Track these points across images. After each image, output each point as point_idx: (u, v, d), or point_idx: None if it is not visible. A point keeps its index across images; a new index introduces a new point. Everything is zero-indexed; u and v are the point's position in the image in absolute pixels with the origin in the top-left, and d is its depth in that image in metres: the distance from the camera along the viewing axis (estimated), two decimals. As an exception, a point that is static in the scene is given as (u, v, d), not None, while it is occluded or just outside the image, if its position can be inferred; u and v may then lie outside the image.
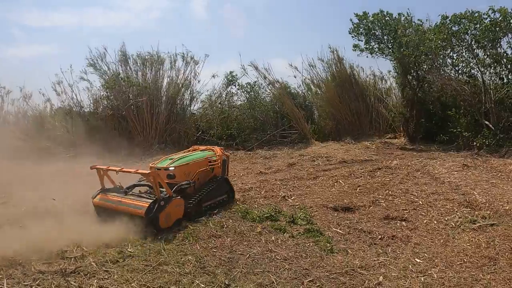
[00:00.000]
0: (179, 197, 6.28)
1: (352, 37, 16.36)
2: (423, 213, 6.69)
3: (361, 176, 9.31)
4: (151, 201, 5.89)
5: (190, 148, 8.14)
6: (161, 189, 6.11)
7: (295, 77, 18.55)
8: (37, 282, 4.38)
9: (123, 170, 6.28)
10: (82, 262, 4.83)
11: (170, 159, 7.10)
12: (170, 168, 6.73)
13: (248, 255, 5.11)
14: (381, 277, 4.50)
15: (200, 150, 7.77)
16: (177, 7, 47.66)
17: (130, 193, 6.48)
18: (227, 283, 4.35)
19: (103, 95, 17.18)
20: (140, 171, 6.16)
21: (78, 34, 45.11)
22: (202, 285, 4.29)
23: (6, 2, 46.41)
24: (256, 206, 7.30)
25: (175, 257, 4.98)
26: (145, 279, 4.39)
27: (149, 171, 6.11)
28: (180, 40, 42.19)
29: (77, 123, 17.04)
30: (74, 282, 4.35)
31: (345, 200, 7.46)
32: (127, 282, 4.34)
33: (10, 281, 4.44)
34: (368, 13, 15.72)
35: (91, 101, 17.23)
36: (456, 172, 9.06)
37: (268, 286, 4.31)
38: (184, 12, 47.24)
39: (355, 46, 16.26)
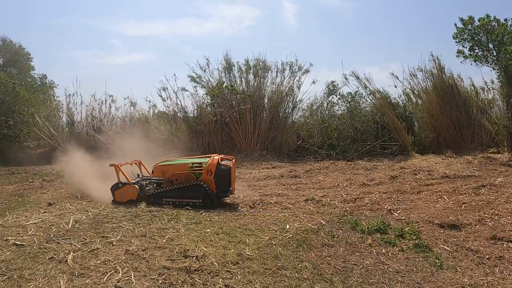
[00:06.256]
0: (134, 184, 8.52)
1: (456, 42, 16.13)
2: (531, 235, 6.66)
3: (465, 193, 9.37)
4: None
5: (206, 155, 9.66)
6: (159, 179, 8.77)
7: (395, 86, 18.50)
8: (163, 277, 4.71)
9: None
10: (203, 261, 5.16)
11: (167, 161, 9.38)
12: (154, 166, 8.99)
13: (361, 265, 5.35)
14: (490, 296, 4.71)
15: (197, 157, 9.77)
16: (267, 16, 49.00)
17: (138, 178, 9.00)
18: (344, 290, 4.64)
19: (207, 102, 18.19)
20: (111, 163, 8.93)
21: (172, 42, 47.93)
22: (321, 291, 4.60)
23: (107, 16, 50.39)
24: (364, 218, 7.60)
25: (292, 263, 5.28)
26: (267, 282, 4.69)
27: (113, 164, 8.81)
28: (271, 47, 43.17)
29: (181, 127, 18.19)
30: (199, 279, 4.67)
31: (450, 217, 7.56)
32: (250, 283, 4.64)
33: (137, 273, 4.80)
34: (474, 18, 15.41)
35: (195, 107, 18.29)
36: None
37: (383, 296, 4.60)
38: (274, 20, 48.49)
39: (459, 52, 16.02)
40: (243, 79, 18.12)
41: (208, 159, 8.63)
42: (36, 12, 56.55)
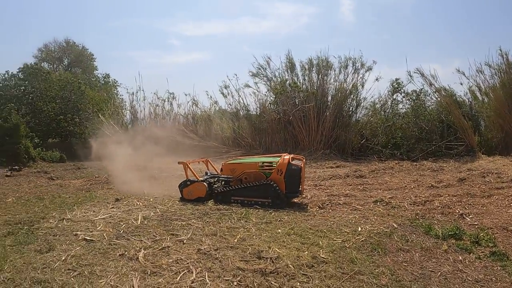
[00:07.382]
0: (203, 182, 8.77)
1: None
2: None
3: (538, 198, 9.12)
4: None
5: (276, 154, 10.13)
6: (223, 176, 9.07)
7: (461, 84, 18.16)
8: (238, 279, 4.68)
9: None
10: (278, 263, 5.13)
11: (236, 159, 9.81)
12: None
13: (439, 273, 5.19)
14: None
15: (267, 156, 9.93)
16: (324, 13, 48.89)
17: (206, 176, 9.31)
18: (425, 299, 4.59)
19: (271, 100, 18.44)
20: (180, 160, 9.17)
21: (230, 41, 48.93)
22: (402, 299, 4.58)
23: (166, 17, 52.08)
24: (436, 222, 7.52)
25: (369, 268, 5.21)
26: (345, 287, 4.64)
27: (181, 161, 9.06)
28: (329, 44, 43.09)
29: (243, 125, 18.51)
30: (275, 282, 4.62)
31: (525, 224, 7.39)
32: (329, 288, 4.63)
33: (210, 274, 4.80)
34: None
35: (258, 105, 18.63)
36: None
37: (464, 306, 4.52)
38: (332, 17, 48.32)
39: (529, 46, 15.42)
40: (306, 77, 18.24)
41: (279, 158, 8.74)
42: (97, 14, 58.94)
